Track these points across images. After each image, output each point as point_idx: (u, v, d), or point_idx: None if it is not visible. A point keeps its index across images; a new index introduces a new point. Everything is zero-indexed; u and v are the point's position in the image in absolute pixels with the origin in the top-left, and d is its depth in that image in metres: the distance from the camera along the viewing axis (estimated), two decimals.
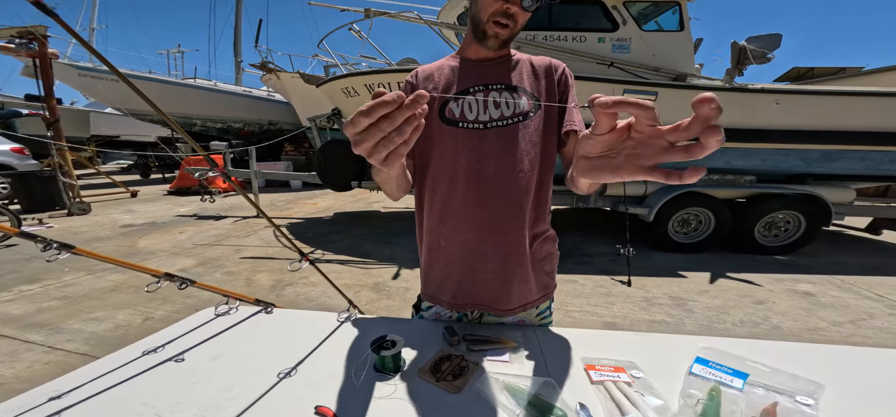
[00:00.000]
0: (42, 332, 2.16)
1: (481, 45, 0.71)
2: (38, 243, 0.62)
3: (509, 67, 0.75)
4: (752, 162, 4.06)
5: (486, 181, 0.71)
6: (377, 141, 0.36)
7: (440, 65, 0.78)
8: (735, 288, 3.03)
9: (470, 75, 0.74)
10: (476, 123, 0.71)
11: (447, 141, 0.72)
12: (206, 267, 3.35)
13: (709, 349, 0.71)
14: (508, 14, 0.65)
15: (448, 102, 0.73)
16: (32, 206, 5.36)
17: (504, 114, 0.71)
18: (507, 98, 0.72)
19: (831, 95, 3.80)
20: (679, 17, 4.06)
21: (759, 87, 3.84)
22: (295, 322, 0.84)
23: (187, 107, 9.94)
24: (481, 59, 0.74)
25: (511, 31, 0.68)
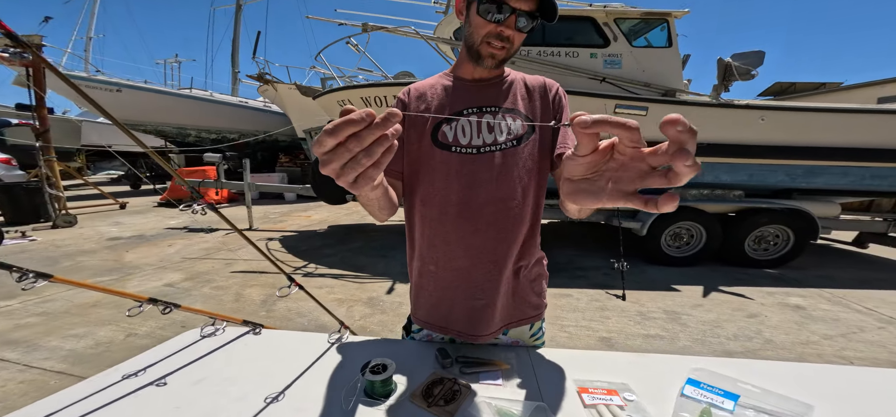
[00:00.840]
0: (18, 349, 2.07)
1: (477, 66, 0.70)
2: (14, 273, 0.60)
3: (504, 88, 0.73)
4: (740, 177, 4.16)
5: (478, 208, 0.70)
6: (345, 162, 0.33)
7: (433, 83, 0.76)
8: (728, 302, 3.05)
9: (463, 96, 0.72)
10: (469, 148, 0.70)
11: (439, 165, 0.71)
12: (195, 282, 3.27)
13: (700, 371, 0.70)
14: (502, 36, 0.64)
15: (441, 125, 0.71)
16: (16, 218, 5.22)
17: (497, 139, 0.70)
18: (500, 121, 0.70)
19: (814, 112, 3.93)
20: (667, 33, 4.17)
21: (744, 103, 3.96)
22: (284, 344, 0.82)
23: (182, 117, 9.89)
24: (476, 79, 0.73)
25: (507, 52, 0.67)
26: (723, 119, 3.92)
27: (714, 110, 3.93)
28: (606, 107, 3.78)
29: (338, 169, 0.33)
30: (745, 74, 3.96)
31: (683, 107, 3.98)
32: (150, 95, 9.33)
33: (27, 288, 0.59)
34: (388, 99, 4.15)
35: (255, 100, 11.20)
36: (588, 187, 0.38)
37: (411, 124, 0.72)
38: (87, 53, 15.86)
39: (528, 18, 0.63)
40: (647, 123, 3.89)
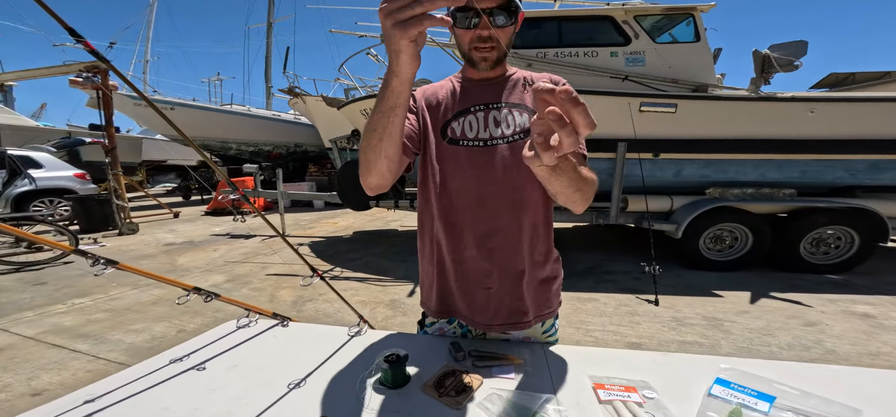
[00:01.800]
0: (88, 342, 2.34)
1: (476, 70, 0.73)
2: (88, 259, 0.70)
3: (509, 85, 0.75)
4: (791, 174, 3.80)
5: (487, 199, 0.72)
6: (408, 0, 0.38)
7: (443, 83, 0.80)
8: (781, 309, 2.78)
9: (470, 95, 0.75)
10: (477, 141, 0.72)
11: (449, 160, 0.73)
12: (235, 283, 3.53)
13: (731, 370, 0.66)
14: (483, 37, 0.66)
15: (450, 122, 0.74)
16: (90, 226, 5.91)
17: (504, 132, 0.72)
18: (507, 116, 0.73)
19: (874, 102, 3.53)
20: (694, 28, 3.97)
21: (789, 95, 3.65)
22: (308, 336, 0.87)
23: (225, 132, 10.72)
24: (481, 78, 0.76)
25: (498, 51, 0.68)
26: (765, 113, 3.62)
27: (754, 104, 3.64)
28: (630, 105, 3.61)
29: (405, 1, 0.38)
30: (786, 64, 3.65)
31: (717, 102, 3.72)
32: (197, 112, 10.21)
33: (98, 274, 0.68)
34: None
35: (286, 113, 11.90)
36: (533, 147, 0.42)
37: (419, 115, 0.76)
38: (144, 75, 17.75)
39: (505, 14, 0.64)
40: (677, 120, 3.68)
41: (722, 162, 3.82)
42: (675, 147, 3.78)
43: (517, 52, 4.06)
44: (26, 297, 3.11)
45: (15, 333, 2.43)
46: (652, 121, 3.66)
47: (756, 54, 3.82)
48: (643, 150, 3.70)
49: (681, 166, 3.88)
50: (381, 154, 0.58)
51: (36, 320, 2.65)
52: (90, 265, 0.70)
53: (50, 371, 2.00)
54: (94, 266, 0.70)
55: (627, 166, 3.78)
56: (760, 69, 3.75)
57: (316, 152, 11.93)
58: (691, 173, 3.89)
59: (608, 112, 3.65)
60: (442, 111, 0.76)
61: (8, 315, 2.72)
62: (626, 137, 3.67)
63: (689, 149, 3.78)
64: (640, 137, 3.64)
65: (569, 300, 2.98)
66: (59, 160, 6.79)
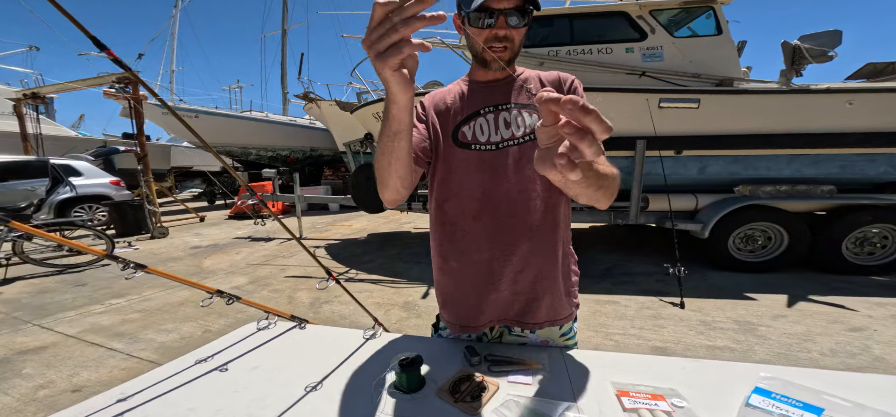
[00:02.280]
0: (123, 341, 2.47)
1: (488, 71, 0.73)
2: (119, 263, 0.73)
3: (517, 86, 0.74)
4: (829, 170, 3.57)
5: (499, 202, 0.71)
6: (386, 28, 0.38)
7: (451, 88, 0.80)
8: (822, 313, 2.60)
9: (479, 97, 0.75)
10: (488, 145, 0.72)
11: (460, 164, 0.73)
12: (256, 285, 3.64)
13: (773, 380, 0.61)
14: (499, 37, 0.66)
15: (460, 126, 0.74)
16: (125, 230, 6.27)
17: (515, 134, 0.71)
18: (517, 117, 0.72)
19: None
20: (715, 20, 3.83)
21: (823, 87, 3.44)
22: (325, 338, 0.88)
23: (245, 138, 11.13)
24: (489, 80, 0.75)
25: (510, 51, 0.68)
26: (797, 106, 3.43)
27: (785, 97, 3.45)
28: (649, 102, 3.48)
29: (378, 36, 0.38)
30: (819, 55, 3.46)
31: (745, 96, 3.54)
32: (219, 119, 10.65)
33: (129, 278, 0.71)
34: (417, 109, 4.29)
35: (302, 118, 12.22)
36: (545, 155, 0.40)
37: (429, 122, 0.76)
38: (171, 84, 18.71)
39: (519, 14, 0.64)
40: (701, 116, 3.53)
41: (752, 158, 3.63)
42: (698, 143, 3.63)
43: (528, 51, 4.01)
44: (68, 297, 3.32)
45: (58, 331, 2.60)
46: (673, 117, 3.53)
47: (785, 45, 3.64)
48: (664, 147, 3.56)
49: (706, 163, 3.72)
50: (393, 174, 0.60)
51: (77, 319, 2.83)
52: (121, 268, 0.73)
53: (89, 368, 2.12)
54: (124, 270, 0.73)
55: (647, 163, 3.65)
56: (791, 61, 3.58)
57: (330, 156, 12.19)
58: (718, 169, 3.72)
59: (625, 110, 3.55)
60: (452, 116, 0.75)
61: (52, 314, 2.91)
62: (645, 135, 3.56)
63: (715, 145, 3.62)
64: (661, 135, 3.51)
65: (586, 303, 2.90)
66: (96, 168, 7.25)
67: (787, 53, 3.60)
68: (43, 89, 7.23)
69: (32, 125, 7.28)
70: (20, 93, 7.26)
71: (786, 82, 3.59)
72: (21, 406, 1.75)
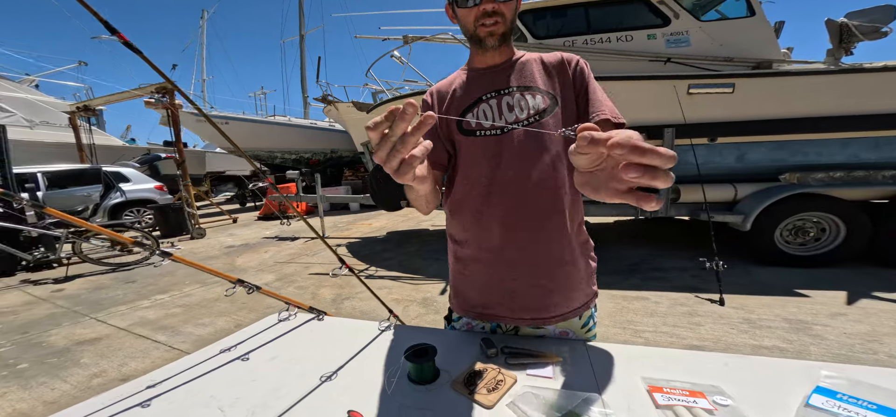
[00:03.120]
0: (166, 333, 2.65)
1: (484, 53, 0.72)
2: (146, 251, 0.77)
3: (517, 69, 0.73)
4: (892, 153, 3.20)
5: (507, 187, 0.69)
6: (387, 151, 0.39)
7: (452, 79, 0.79)
8: (889, 312, 2.33)
9: (480, 84, 0.74)
10: (493, 130, 0.71)
11: (466, 151, 0.73)
12: (283, 281, 3.79)
13: (837, 379, 0.54)
14: (488, 12, 0.65)
15: (464, 113, 0.73)
16: (168, 232, 6.76)
17: (519, 116, 0.70)
18: (519, 100, 0.70)
19: None
20: (746, 2, 3.57)
21: (880, 65, 3.12)
22: (341, 330, 0.88)
23: (271, 142, 11.64)
24: (488, 66, 0.74)
25: (503, 25, 0.67)
26: (849, 86, 3.13)
27: (834, 78, 3.16)
28: (677, 88, 3.28)
29: (384, 157, 0.39)
30: (871, 32, 3.15)
31: (787, 78, 3.27)
32: (246, 125, 11.21)
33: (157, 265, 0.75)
34: None
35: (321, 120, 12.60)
36: (590, 179, 0.39)
37: (444, 121, 0.76)
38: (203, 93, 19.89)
39: None
40: (736, 101, 3.30)
41: (799, 143, 3.33)
42: (735, 130, 3.38)
43: (542, 43, 3.90)
44: (120, 293, 3.62)
45: (111, 324, 2.84)
46: (704, 103, 3.32)
47: (830, 23, 3.37)
48: (696, 135, 3.35)
49: (744, 150, 3.45)
50: (422, 203, 0.68)
51: (127, 313, 3.07)
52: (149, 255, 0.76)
53: (136, 358, 2.29)
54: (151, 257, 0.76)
55: (678, 153, 3.44)
56: (838, 40, 3.30)
57: (350, 157, 12.49)
58: (759, 157, 3.44)
59: (650, 98, 3.38)
60: (456, 104, 0.75)
61: (105, 309, 3.18)
62: (673, 123, 3.36)
63: (755, 131, 3.36)
64: (692, 122, 3.30)
65: (612, 299, 2.77)
66: (142, 175, 7.86)
67: (834, 32, 3.33)
68: (93, 102, 7.87)
69: (86, 136, 7.97)
70: (74, 106, 7.97)
71: (834, 62, 3.31)
72: (79, 393, 1.93)
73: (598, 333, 0.81)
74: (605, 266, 3.55)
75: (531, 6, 4.05)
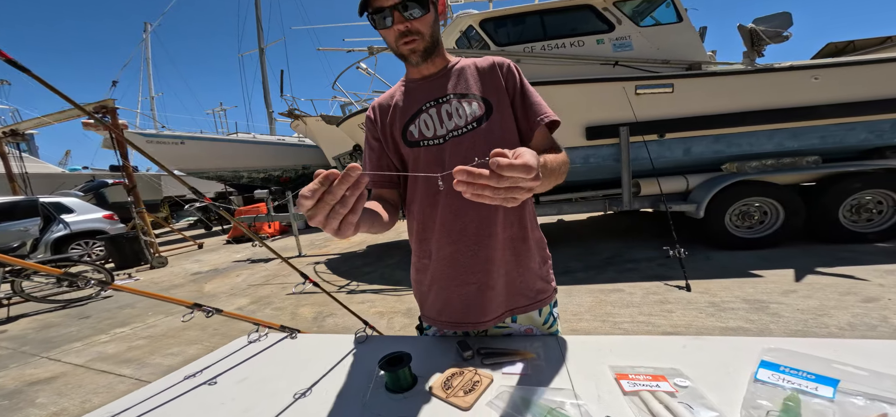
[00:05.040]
0: (131, 366, 2.45)
1: (416, 66, 0.73)
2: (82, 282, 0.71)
3: (453, 76, 0.75)
4: (810, 141, 3.63)
5: (454, 194, 0.70)
6: (326, 214, 0.40)
7: (392, 92, 0.80)
8: (833, 285, 2.57)
9: (419, 95, 0.75)
10: (435, 139, 0.72)
11: (413, 162, 0.75)
12: (259, 304, 3.61)
13: (777, 351, 0.59)
14: (404, 32, 0.66)
15: (408, 126, 0.74)
16: (123, 263, 6.22)
17: (458, 124, 0.71)
18: (457, 107, 0.72)
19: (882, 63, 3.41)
20: (674, 9, 3.96)
21: (787, 64, 3.55)
22: (315, 346, 0.86)
23: (235, 161, 11.05)
24: (424, 76, 0.76)
25: (424, 41, 0.68)
26: (766, 84, 3.54)
27: (753, 76, 3.55)
28: (625, 90, 3.56)
29: (322, 221, 0.40)
30: (775, 36, 3.59)
31: (714, 78, 3.63)
32: (206, 144, 10.52)
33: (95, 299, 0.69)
34: None
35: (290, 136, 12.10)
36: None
37: (389, 133, 0.77)
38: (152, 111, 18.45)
39: (417, 4, 0.64)
40: (676, 99, 3.62)
41: (733, 136, 3.70)
42: (680, 126, 3.69)
43: (504, 49, 4.07)
44: (73, 330, 3.29)
45: (66, 362, 2.58)
46: (651, 102, 3.61)
47: (742, 29, 3.76)
48: (648, 132, 3.63)
49: (689, 144, 3.76)
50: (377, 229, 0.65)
51: (83, 349, 2.81)
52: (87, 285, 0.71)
53: (100, 393, 2.11)
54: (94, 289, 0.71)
55: (633, 149, 3.70)
56: (750, 43, 3.68)
57: None
58: (702, 150, 3.78)
59: (605, 99, 3.62)
60: (398, 117, 0.76)
61: (58, 347, 2.88)
62: (626, 122, 3.62)
63: (695, 126, 3.68)
64: (642, 120, 3.58)
65: (591, 293, 2.87)
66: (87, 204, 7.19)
67: (746, 36, 3.71)
68: (21, 125, 6.95)
69: (16, 164, 7.10)
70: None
71: (750, 63, 3.68)
72: None
73: (580, 327, 0.85)
74: (584, 261, 3.68)
75: (492, 14, 4.22)
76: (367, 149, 0.80)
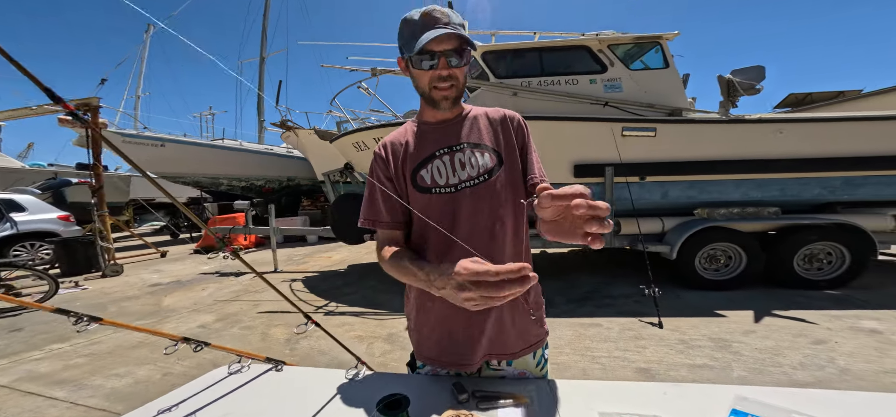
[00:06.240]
0: (66, 388, 2.20)
1: (437, 110, 0.75)
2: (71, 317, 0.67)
3: (467, 125, 0.77)
4: (772, 193, 3.91)
5: (463, 242, 0.71)
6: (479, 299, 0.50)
7: (404, 131, 0.81)
8: (787, 327, 2.76)
9: (432, 140, 0.77)
10: (447, 187, 0.74)
11: (422, 208, 0.74)
12: (225, 322, 3.38)
13: (746, 401, 0.64)
14: (443, 77, 0.69)
15: (418, 169, 0.76)
16: (71, 269, 5.68)
17: (471, 174, 0.74)
18: (470, 157, 0.74)
19: (833, 122, 3.74)
20: (662, 54, 4.19)
21: (755, 117, 3.84)
22: (304, 380, 0.83)
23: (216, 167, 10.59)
24: (439, 120, 0.78)
25: (456, 89, 0.71)
26: (736, 135, 3.79)
27: (725, 127, 3.82)
28: (614, 131, 3.74)
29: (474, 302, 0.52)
30: (749, 88, 3.90)
31: (692, 125, 3.89)
32: (188, 148, 10.07)
33: (81, 331, 0.65)
34: None
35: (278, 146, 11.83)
36: (555, 228, 0.53)
37: (396, 174, 0.78)
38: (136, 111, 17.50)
39: (457, 55, 0.68)
40: (658, 144, 3.81)
41: (705, 183, 3.93)
42: (659, 170, 3.90)
43: (503, 81, 4.24)
44: (1, 344, 2.93)
45: None
46: (635, 145, 3.80)
47: (721, 79, 4.04)
48: (630, 173, 3.80)
49: (667, 188, 3.98)
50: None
51: (10, 367, 2.51)
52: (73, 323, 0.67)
53: None
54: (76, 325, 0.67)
55: (616, 189, 3.87)
56: (727, 93, 3.94)
57: (309, 186, 11.84)
58: (678, 194, 3.99)
59: (594, 138, 3.79)
60: (409, 160, 0.77)
61: None
62: (612, 162, 3.79)
63: (673, 171, 3.90)
64: (626, 161, 3.75)
65: (571, 327, 2.92)
66: (43, 203, 6.63)
67: (723, 87, 3.98)
68: None
69: None
70: None
71: (724, 113, 3.96)
72: None
73: (561, 361, 0.87)
74: (565, 295, 3.76)
75: (494, 47, 4.40)
76: (378, 186, 0.78)
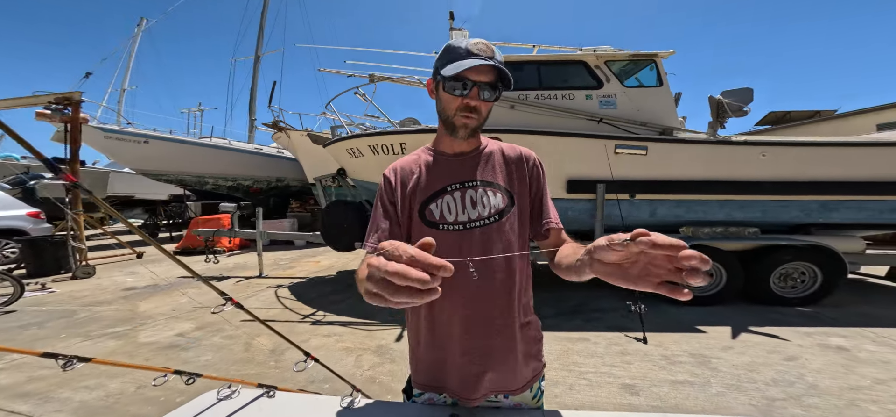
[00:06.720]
0: (30, 402, 2.06)
1: (454, 138, 0.74)
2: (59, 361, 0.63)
3: (482, 161, 0.77)
4: (754, 214, 4.06)
5: (467, 282, 0.71)
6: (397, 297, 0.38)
7: (416, 158, 0.80)
8: (762, 344, 2.87)
9: (446, 172, 0.76)
10: (456, 225, 0.73)
11: None
12: (205, 331, 3.25)
13: None
14: (470, 107, 0.69)
15: (427, 203, 0.75)
16: (39, 270, 5.36)
17: (481, 214, 0.73)
18: (482, 196, 0.74)
19: (813, 147, 3.91)
20: (656, 72, 4.27)
21: (742, 139, 3.98)
22: (297, 408, 0.80)
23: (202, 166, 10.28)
24: (455, 153, 0.77)
25: (477, 121, 0.71)
26: (723, 156, 3.92)
27: (713, 147, 3.94)
28: (606, 148, 3.82)
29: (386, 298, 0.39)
30: (737, 110, 4.04)
31: (682, 144, 4.00)
32: (172, 145, 9.74)
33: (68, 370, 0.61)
34: (393, 146, 4.30)
35: (268, 146, 11.57)
36: (622, 272, 0.47)
37: (406, 204, 0.76)
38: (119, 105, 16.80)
39: (490, 89, 0.69)
40: (649, 162, 3.91)
41: (691, 202, 4.05)
42: (648, 188, 3.99)
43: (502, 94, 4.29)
44: None
45: None
46: (627, 162, 3.89)
47: (712, 100, 4.18)
48: (620, 191, 3.89)
49: (655, 206, 4.09)
50: None
51: None
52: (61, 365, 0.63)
53: None
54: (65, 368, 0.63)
55: (607, 206, 3.95)
56: (716, 114, 4.08)
57: (298, 187, 11.62)
58: (665, 212, 4.10)
59: (587, 154, 3.86)
60: (419, 191, 0.75)
61: None
62: (604, 179, 3.88)
63: (661, 190, 4.00)
64: (617, 179, 3.84)
65: (559, 341, 2.95)
66: (11, 198, 6.27)
67: (713, 107, 4.11)
68: None
69: None
70: None
71: (713, 133, 4.08)
72: None
73: (550, 377, 0.88)
74: (554, 308, 3.79)
75: None
76: (381, 209, 0.77)
